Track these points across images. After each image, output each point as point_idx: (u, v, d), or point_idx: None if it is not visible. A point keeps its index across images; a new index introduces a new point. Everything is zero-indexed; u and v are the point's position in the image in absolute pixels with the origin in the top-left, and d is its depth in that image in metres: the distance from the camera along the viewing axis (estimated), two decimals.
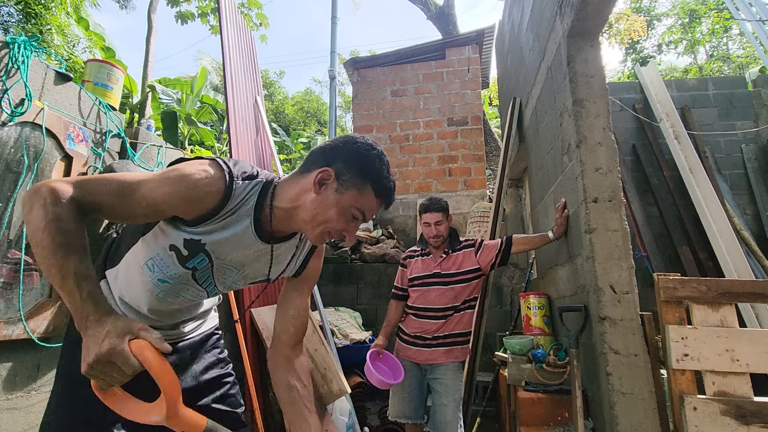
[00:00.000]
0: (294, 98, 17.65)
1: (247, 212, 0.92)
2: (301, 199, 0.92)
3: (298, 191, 0.93)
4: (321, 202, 0.91)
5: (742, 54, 11.51)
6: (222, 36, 3.50)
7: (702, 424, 1.43)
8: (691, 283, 1.56)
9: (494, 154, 6.52)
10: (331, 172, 0.91)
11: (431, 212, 2.32)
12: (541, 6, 2.65)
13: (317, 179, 0.90)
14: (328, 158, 0.93)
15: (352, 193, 0.91)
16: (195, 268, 0.95)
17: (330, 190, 0.91)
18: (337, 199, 0.90)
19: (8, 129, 1.76)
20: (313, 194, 0.91)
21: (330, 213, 0.91)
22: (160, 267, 0.94)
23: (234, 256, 0.98)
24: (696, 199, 3.35)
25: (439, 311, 2.29)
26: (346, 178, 0.91)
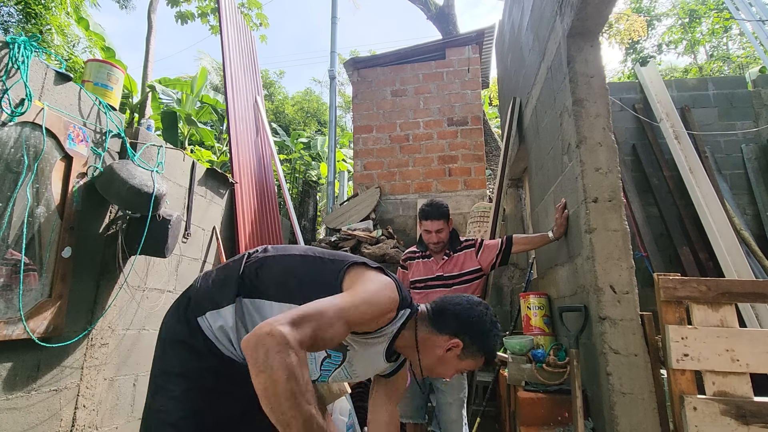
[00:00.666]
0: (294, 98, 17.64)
1: (388, 336, 1.08)
2: (428, 349, 1.10)
3: (428, 342, 1.10)
4: (444, 360, 1.11)
5: (742, 54, 11.50)
6: (222, 36, 3.50)
7: (702, 424, 1.43)
8: (691, 283, 1.56)
9: (494, 154, 6.52)
10: (460, 344, 1.09)
11: (432, 220, 2.29)
12: (541, 6, 2.65)
13: (447, 347, 1.09)
14: (462, 329, 1.10)
15: (469, 361, 1.12)
16: (329, 355, 1.09)
17: (453, 354, 1.10)
18: (457, 363, 1.12)
19: (8, 129, 1.76)
20: (440, 353, 1.10)
21: (447, 369, 1.13)
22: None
23: (359, 367, 1.13)
24: (696, 199, 3.35)
25: None
26: (469, 351, 1.10)
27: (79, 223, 2.05)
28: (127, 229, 2.28)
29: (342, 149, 10.33)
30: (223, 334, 1.05)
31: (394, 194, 5.34)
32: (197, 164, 2.94)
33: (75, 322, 2.04)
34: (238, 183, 3.25)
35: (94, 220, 2.19)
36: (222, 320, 1.05)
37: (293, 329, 0.79)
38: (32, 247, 1.84)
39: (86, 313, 2.12)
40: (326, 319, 0.86)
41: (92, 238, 2.17)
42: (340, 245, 4.56)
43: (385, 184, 5.39)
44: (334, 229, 5.16)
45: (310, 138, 10.43)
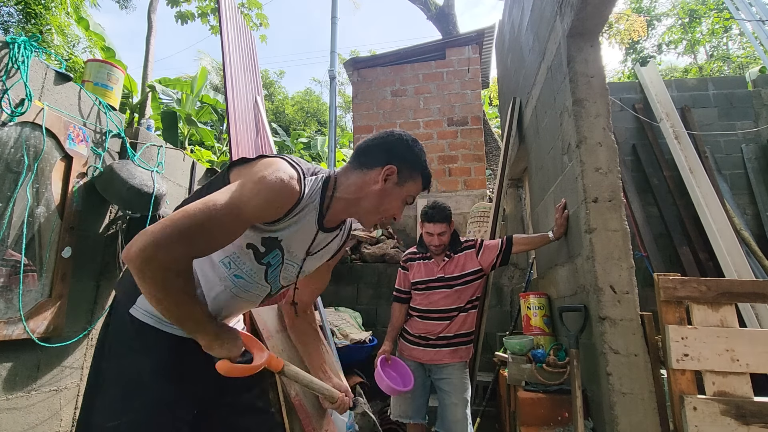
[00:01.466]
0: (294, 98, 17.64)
1: (314, 206, 1.03)
2: (365, 191, 1.06)
3: (361, 184, 1.06)
4: (385, 193, 1.06)
5: (742, 54, 11.51)
6: (222, 36, 3.50)
7: (702, 424, 1.43)
8: (691, 283, 1.56)
9: (494, 154, 6.52)
10: (395, 169, 1.06)
11: (435, 223, 2.28)
12: (541, 6, 2.65)
13: (384, 176, 1.05)
14: (388, 156, 1.07)
15: (410, 185, 1.09)
16: (269, 263, 1.04)
17: (391, 183, 1.07)
18: (399, 190, 1.08)
19: (8, 129, 1.76)
20: (378, 187, 1.05)
21: (393, 202, 1.08)
22: (237, 264, 1.01)
23: (297, 249, 1.08)
24: (696, 199, 3.35)
25: (444, 312, 2.29)
26: (406, 173, 1.08)
27: (79, 223, 2.05)
28: (127, 229, 2.28)
29: (342, 149, 10.34)
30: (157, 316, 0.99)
31: None
32: (197, 164, 2.94)
33: (75, 322, 2.04)
34: None
35: (94, 220, 2.19)
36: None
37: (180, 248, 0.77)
38: (32, 247, 1.84)
39: (86, 313, 2.12)
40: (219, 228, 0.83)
41: (92, 238, 2.17)
42: None
43: None
44: None
45: (310, 138, 10.43)
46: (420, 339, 2.32)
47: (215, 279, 1.02)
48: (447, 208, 2.32)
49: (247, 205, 0.86)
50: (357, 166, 1.09)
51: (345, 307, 3.83)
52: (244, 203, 0.86)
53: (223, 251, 0.99)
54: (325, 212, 1.05)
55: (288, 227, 1.00)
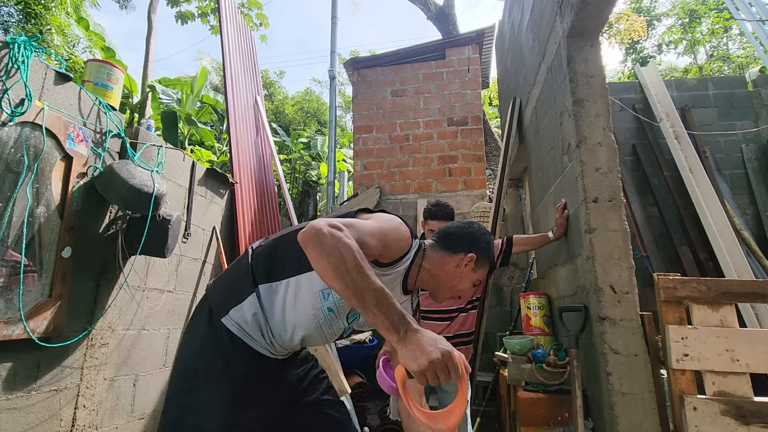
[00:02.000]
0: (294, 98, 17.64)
1: (403, 268, 1.17)
2: (446, 270, 1.22)
3: (443, 264, 1.22)
4: (461, 276, 1.23)
5: (742, 54, 11.50)
6: (222, 36, 3.50)
7: (702, 424, 1.43)
8: (691, 283, 1.56)
9: (494, 154, 6.52)
10: (474, 257, 1.23)
11: (439, 220, 2.33)
12: (541, 6, 2.65)
13: (465, 262, 1.22)
14: (471, 246, 1.24)
15: (481, 272, 1.27)
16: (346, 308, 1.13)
17: (468, 268, 1.23)
18: (472, 275, 1.25)
19: (8, 129, 1.76)
20: (459, 271, 1.22)
21: (465, 284, 1.26)
22: (334, 297, 1.09)
23: None
24: (696, 199, 3.35)
25: (445, 313, 2.32)
26: (480, 262, 1.25)
27: (79, 223, 2.05)
28: (127, 229, 2.28)
29: (342, 149, 10.34)
30: (252, 326, 1.07)
31: (394, 194, 5.34)
32: (197, 164, 2.94)
33: (75, 322, 2.04)
34: (238, 183, 3.25)
35: (94, 220, 2.19)
36: (247, 312, 1.06)
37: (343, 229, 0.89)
38: (32, 247, 1.84)
39: (86, 313, 2.12)
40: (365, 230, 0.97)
41: (92, 238, 2.17)
42: None
43: (385, 184, 5.39)
44: None
45: (310, 138, 10.43)
46: None
47: (308, 305, 1.08)
48: (450, 207, 2.38)
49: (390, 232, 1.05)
50: (443, 246, 1.24)
51: None
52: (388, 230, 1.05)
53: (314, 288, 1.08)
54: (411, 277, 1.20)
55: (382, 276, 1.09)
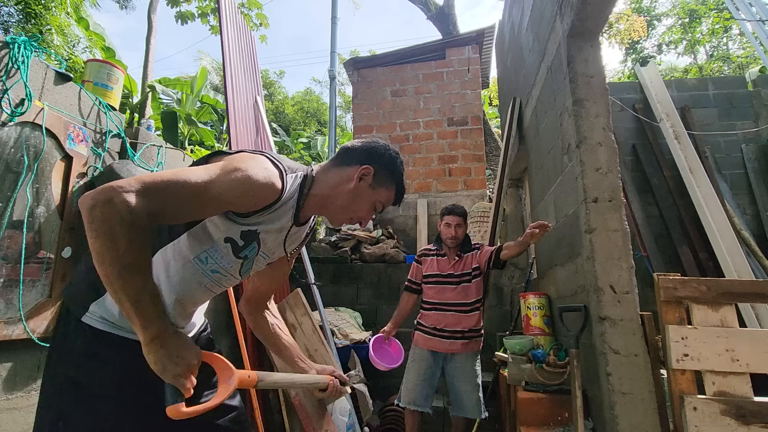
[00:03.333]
0: (294, 98, 17.64)
1: (292, 203, 1.02)
2: (340, 188, 1.07)
3: (337, 181, 1.07)
4: (357, 193, 1.07)
5: (742, 54, 11.50)
6: (222, 36, 3.50)
7: (702, 424, 1.43)
8: (691, 283, 1.56)
9: (494, 154, 6.52)
10: (371, 170, 1.07)
11: (454, 215, 2.56)
12: (541, 6, 2.65)
13: (360, 174, 1.06)
14: (368, 158, 1.08)
15: (381, 191, 1.10)
16: (246, 257, 1.03)
17: (365, 183, 1.07)
18: (371, 193, 1.09)
19: (8, 129, 1.76)
20: (352, 186, 1.06)
21: (363, 203, 1.09)
22: (215, 258, 0.99)
23: (272, 243, 1.07)
24: (696, 199, 3.35)
25: (455, 306, 2.51)
26: (381, 178, 1.09)
27: (80, 223, 2.05)
28: None
29: None
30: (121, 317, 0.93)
31: None
32: None
33: None
34: None
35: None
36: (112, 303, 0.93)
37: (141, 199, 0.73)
38: (32, 248, 1.84)
39: None
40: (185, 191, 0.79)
41: None
42: (340, 245, 4.56)
43: None
44: (334, 229, 5.16)
45: (310, 138, 10.43)
46: (435, 330, 2.51)
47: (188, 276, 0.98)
48: (464, 208, 2.63)
49: (216, 186, 0.83)
50: (337, 164, 1.09)
51: (345, 307, 3.83)
52: (213, 183, 0.83)
53: (199, 246, 0.96)
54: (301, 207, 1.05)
55: (265, 222, 0.99)
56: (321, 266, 4.23)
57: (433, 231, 4.88)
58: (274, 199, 0.95)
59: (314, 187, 1.06)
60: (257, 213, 0.95)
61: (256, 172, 0.89)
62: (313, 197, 1.06)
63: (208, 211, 0.89)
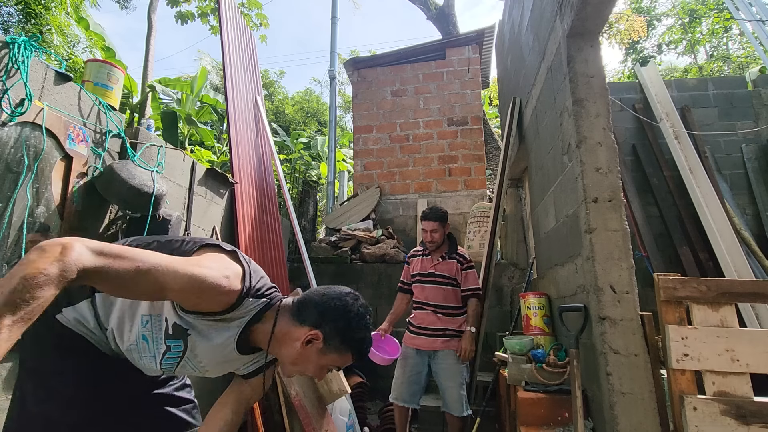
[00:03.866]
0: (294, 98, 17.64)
1: (239, 324, 0.99)
2: (289, 343, 1.01)
3: (288, 335, 1.02)
4: (304, 355, 1.01)
5: (742, 54, 11.50)
6: (222, 36, 3.50)
7: (702, 424, 1.43)
8: (691, 283, 1.56)
9: (494, 154, 6.52)
10: (320, 336, 1.00)
11: (428, 221, 2.64)
12: (541, 6, 2.65)
13: (306, 339, 0.99)
14: (320, 321, 1.01)
15: (333, 356, 1.02)
16: (169, 348, 1.00)
17: (314, 348, 1.01)
18: (318, 357, 1.02)
19: (8, 129, 1.76)
20: (299, 347, 1.00)
21: (309, 366, 1.03)
22: (152, 328, 0.99)
23: (203, 355, 1.04)
24: (696, 199, 3.35)
25: (436, 307, 2.61)
26: (332, 343, 1.01)
27: (79, 223, 2.05)
28: (127, 229, 2.28)
29: (342, 149, 10.34)
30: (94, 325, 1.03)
31: (394, 194, 5.34)
32: (197, 164, 2.94)
33: None
34: (238, 183, 3.25)
35: (94, 220, 2.19)
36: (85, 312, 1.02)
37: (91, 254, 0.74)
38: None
39: None
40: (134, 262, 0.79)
41: (92, 238, 2.17)
42: (340, 245, 4.56)
43: (385, 184, 5.39)
44: (334, 229, 5.16)
45: (310, 138, 10.42)
46: (419, 329, 2.62)
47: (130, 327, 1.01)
48: (441, 210, 2.67)
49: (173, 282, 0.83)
50: (293, 315, 1.03)
51: None
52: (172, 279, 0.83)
53: (148, 309, 0.98)
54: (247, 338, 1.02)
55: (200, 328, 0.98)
56: (321, 266, 4.23)
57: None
58: (218, 310, 0.93)
59: (278, 324, 1.02)
60: (195, 314, 0.95)
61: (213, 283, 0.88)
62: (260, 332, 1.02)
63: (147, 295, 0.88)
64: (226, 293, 0.91)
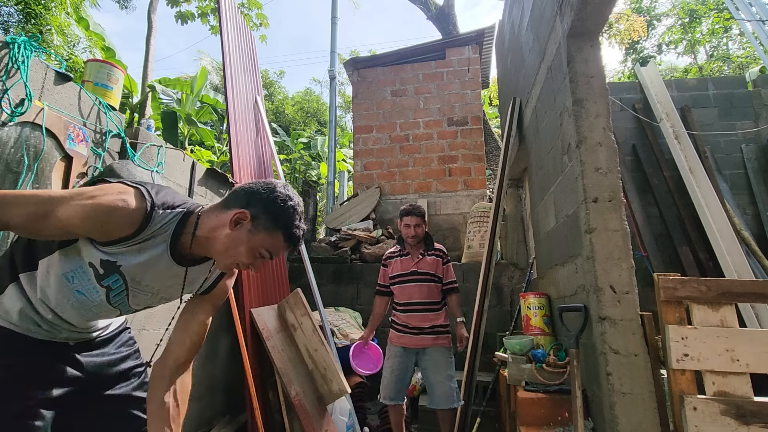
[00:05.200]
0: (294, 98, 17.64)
1: (164, 239, 1.01)
2: (217, 232, 1.02)
3: (216, 224, 1.02)
4: (234, 239, 1.01)
5: (742, 54, 11.50)
6: (222, 36, 3.50)
7: (702, 424, 1.43)
8: (691, 283, 1.56)
9: (494, 154, 6.52)
10: (248, 215, 1.00)
11: (412, 216, 2.69)
12: (541, 6, 2.65)
13: (233, 218, 1.00)
14: (248, 201, 1.02)
15: (262, 236, 1.01)
16: (110, 287, 1.02)
17: (243, 230, 1.01)
18: (248, 238, 1.01)
19: (8, 129, 1.76)
20: (228, 230, 1.01)
21: (240, 249, 1.01)
22: (80, 279, 1.00)
23: (149, 279, 1.05)
24: (696, 199, 3.35)
25: (421, 305, 2.63)
26: (260, 222, 1.01)
27: None
28: None
29: (342, 149, 10.34)
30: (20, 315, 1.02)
31: (394, 194, 5.34)
32: (197, 164, 2.94)
33: None
34: (238, 183, 3.25)
35: None
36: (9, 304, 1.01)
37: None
38: None
39: None
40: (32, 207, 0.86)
41: None
42: (340, 245, 4.56)
43: (385, 184, 5.39)
44: (334, 229, 5.16)
45: (310, 138, 10.43)
46: (405, 328, 2.63)
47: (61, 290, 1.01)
48: (421, 208, 2.77)
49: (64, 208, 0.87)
50: (221, 206, 1.05)
51: (345, 307, 3.83)
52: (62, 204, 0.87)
53: (68, 264, 0.99)
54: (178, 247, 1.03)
55: (128, 254, 0.98)
56: (321, 266, 4.23)
57: (434, 231, 4.88)
58: (130, 232, 0.95)
59: (199, 227, 1.03)
60: (115, 243, 0.96)
61: (108, 202, 0.90)
62: (197, 238, 1.03)
63: (51, 232, 0.90)
64: (129, 214, 0.93)
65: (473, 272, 3.86)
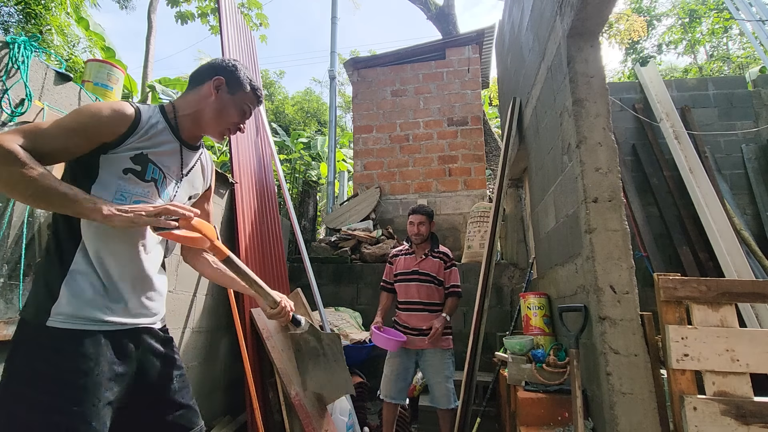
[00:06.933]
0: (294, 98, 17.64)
1: (163, 124, 1.14)
2: (202, 104, 1.18)
3: (197, 99, 1.19)
4: (220, 102, 1.19)
5: (742, 54, 11.51)
6: (222, 36, 3.50)
7: (702, 424, 1.43)
8: (691, 283, 1.56)
9: (494, 154, 6.52)
10: (222, 79, 1.19)
11: (417, 214, 2.76)
12: (541, 6, 2.65)
13: (214, 85, 1.18)
14: (215, 71, 1.20)
15: (240, 93, 1.21)
16: (153, 178, 1.12)
17: (223, 92, 1.19)
18: (231, 98, 1.20)
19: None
20: (212, 98, 1.18)
21: (230, 110, 1.21)
22: (129, 191, 1.08)
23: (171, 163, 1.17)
24: (696, 199, 3.35)
25: (420, 305, 2.65)
26: (234, 82, 1.21)
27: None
28: None
29: (342, 149, 10.34)
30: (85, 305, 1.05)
31: (394, 194, 5.34)
32: None
33: None
34: (238, 183, 3.25)
35: None
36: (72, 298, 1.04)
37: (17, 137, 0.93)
38: (32, 247, 1.84)
39: None
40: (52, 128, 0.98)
41: None
42: (340, 245, 4.56)
43: (385, 184, 5.39)
44: (334, 229, 5.16)
45: (310, 138, 10.43)
46: (406, 329, 2.65)
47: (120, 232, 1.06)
48: (429, 208, 2.83)
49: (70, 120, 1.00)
50: (190, 89, 1.21)
51: (345, 307, 3.83)
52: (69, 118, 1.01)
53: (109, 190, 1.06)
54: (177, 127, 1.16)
55: (148, 146, 1.09)
56: (321, 266, 4.23)
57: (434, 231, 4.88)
58: (129, 122, 1.06)
59: (179, 111, 1.17)
60: (127, 139, 1.06)
61: (99, 105, 1.04)
62: (183, 118, 1.17)
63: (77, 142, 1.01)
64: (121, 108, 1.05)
65: (473, 272, 3.86)
